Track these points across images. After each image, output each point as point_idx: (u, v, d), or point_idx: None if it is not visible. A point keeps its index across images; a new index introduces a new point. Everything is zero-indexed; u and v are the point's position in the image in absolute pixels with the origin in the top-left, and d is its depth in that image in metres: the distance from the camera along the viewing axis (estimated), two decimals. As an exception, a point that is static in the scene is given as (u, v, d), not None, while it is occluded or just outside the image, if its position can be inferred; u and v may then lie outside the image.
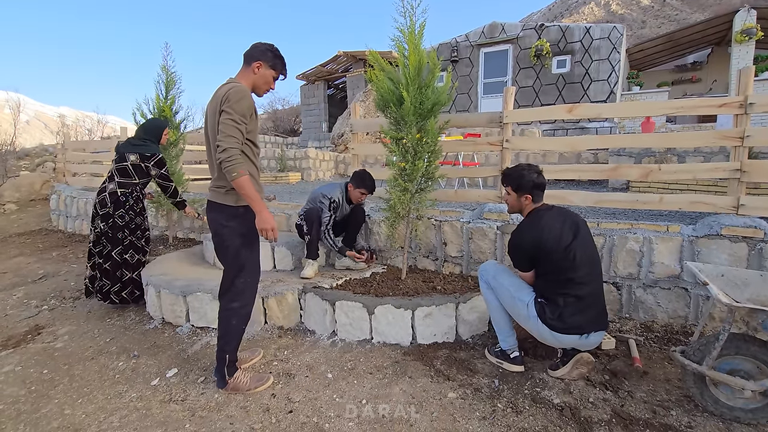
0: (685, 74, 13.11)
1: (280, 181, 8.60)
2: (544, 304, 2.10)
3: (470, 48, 10.72)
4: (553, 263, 2.07)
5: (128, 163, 3.22)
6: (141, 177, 3.29)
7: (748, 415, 1.82)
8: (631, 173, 3.14)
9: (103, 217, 3.20)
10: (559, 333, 2.06)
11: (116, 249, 3.21)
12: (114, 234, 3.19)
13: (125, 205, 3.21)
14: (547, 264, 2.10)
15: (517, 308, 2.18)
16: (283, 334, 2.82)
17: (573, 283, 2.05)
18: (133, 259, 3.29)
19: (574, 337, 2.07)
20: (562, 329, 2.05)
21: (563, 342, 2.11)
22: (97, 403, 2.10)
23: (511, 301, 2.21)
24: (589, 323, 2.07)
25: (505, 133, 3.39)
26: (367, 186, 3.25)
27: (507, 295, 2.23)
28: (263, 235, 1.95)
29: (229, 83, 1.98)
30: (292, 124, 20.22)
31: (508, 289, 2.23)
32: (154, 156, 3.27)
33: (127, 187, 3.24)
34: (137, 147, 3.27)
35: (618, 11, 20.78)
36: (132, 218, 3.25)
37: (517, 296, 2.19)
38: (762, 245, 2.53)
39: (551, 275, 2.10)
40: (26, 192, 8.67)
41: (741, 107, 2.71)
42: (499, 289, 2.27)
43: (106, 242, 3.22)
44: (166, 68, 4.32)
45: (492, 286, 2.30)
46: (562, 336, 2.07)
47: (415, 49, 2.78)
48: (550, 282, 2.12)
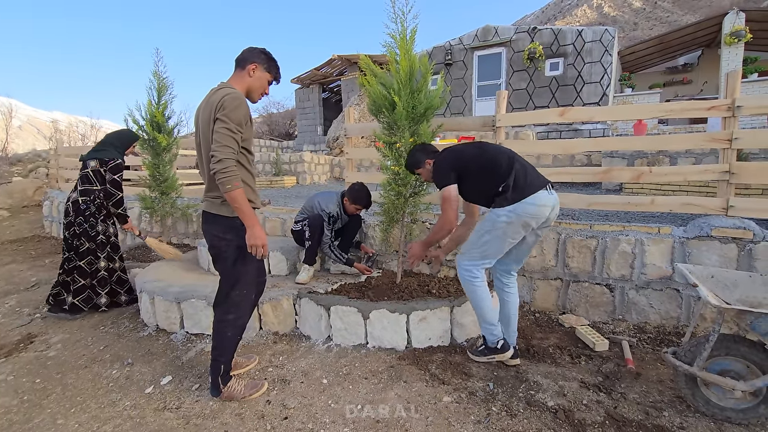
0: (676, 76, 13.26)
1: (275, 185, 8.59)
2: (498, 198, 2.13)
3: (464, 51, 10.78)
4: (478, 169, 2.22)
5: (89, 170, 3.20)
6: (102, 183, 3.23)
7: (739, 415, 1.84)
8: (624, 175, 3.18)
9: (66, 226, 3.20)
10: (527, 198, 2.07)
11: (69, 255, 3.20)
12: (73, 241, 3.18)
13: (86, 213, 3.18)
14: (475, 174, 2.22)
15: (485, 230, 2.17)
16: (278, 340, 2.81)
17: (503, 171, 2.15)
18: (91, 266, 3.23)
19: (542, 192, 2.10)
20: (527, 192, 2.08)
21: (536, 211, 2.09)
22: (91, 412, 2.08)
23: (478, 235, 2.21)
24: (539, 178, 2.17)
25: (498, 136, 3.42)
26: (363, 203, 3.26)
27: (474, 239, 2.23)
28: (253, 251, 1.89)
29: (223, 88, 1.91)
30: (287, 127, 20.21)
31: (472, 238, 2.25)
32: (111, 160, 3.21)
33: (88, 194, 3.20)
34: (98, 152, 3.24)
35: (610, 13, 21.00)
36: (93, 225, 3.21)
37: (479, 228, 2.22)
38: (751, 246, 2.56)
39: (485, 180, 2.19)
40: (19, 198, 8.59)
41: (729, 110, 2.75)
42: (470, 252, 2.25)
43: (65, 250, 3.21)
44: (158, 74, 4.31)
45: (464, 264, 2.26)
46: (531, 200, 2.07)
47: (407, 54, 2.80)
48: (487, 185, 2.18)
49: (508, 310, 2.40)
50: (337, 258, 3.23)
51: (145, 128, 4.33)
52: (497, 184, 2.14)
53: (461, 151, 2.33)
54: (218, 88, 1.95)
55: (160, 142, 4.34)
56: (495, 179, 2.15)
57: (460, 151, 2.34)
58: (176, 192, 4.66)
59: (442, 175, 2.26)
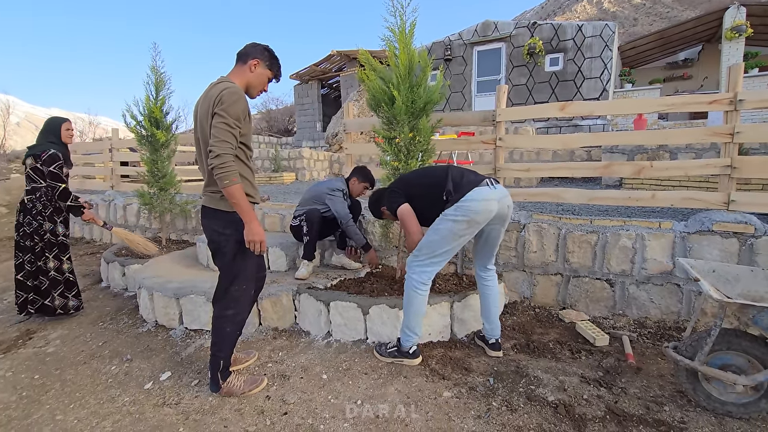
0: (676, 71, 13.22)
1: (274, 182, 8.56)
2: (447, 205, 2.15)
3: (463, 46, 10.73)
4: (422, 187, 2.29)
5: (28, 169, 3.08)
6: (44, 179, 3.07)
7: (740, 410, 1.83)
8: (624, 170, 3.16)
9: (16, 227, 3.12)
10: (468, 194, 2.10)
11: (27, 257, 3.10)
12: (24, 242, 3.09)
13: (32, 212, 3.08)
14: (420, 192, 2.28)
15: (433, 229, 2.19)
16: (277, 336, 2.81)
17: (441, 180, 2.22)
18: (47, 265, 3.13)
19: (483, 187, 2.14)
20: (466, 189, 2.12)
21: (480, 207, 2.10)
22: (90, 408, 2.07)
23: (427, 236, 2.22)
24: (477, 176, 2.23)
25: (498, 131, 3.40)
26: (370, 180, 3.36)
27: (423, 240, 2.23)
28: (251, 247, 1.88)
29: (222, 83, 1.89)
30: (286, 124, 20.16)
31: (422, 239, 2.25)
32: (44, 153, 3.04)
33: (33, 193, 3.09)
34: (32, 149, 3.12)
35: (610, 9, 20.92)
36: (41, 224, 3.09)
37: (429, 230, 2.23)
38: (752, 240, 2.55)
39: (431, 194, 2.23)
40: (17, 195, 8.55)
41: (731, 104, 2.73)
42: (420, 251, 2.24)
43: (17, 251, 3.10)
44: (156, 69, 4.27)
45: (414, 267, 2.26)
46: (472, 195, 2.10)
47: (406, 48, 2.77)
48: (434, 197, 2.21)
49: (488, 303, 2.45)
50: (358, 236, 3.21)
51: (143, 124, 4.30)
52: (441, 192, 2.19)
53: (404, 176, 2.49)
54: (217, 82, 1.93)
55: (159, 137, 4.31)
56: (438, 190, 2.20)
57: (402, 177, 2.49)
58: (175, 188, 4.63)
59: (393, 201, 2.32)
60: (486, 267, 2.46)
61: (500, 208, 2.18)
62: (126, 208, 5.77)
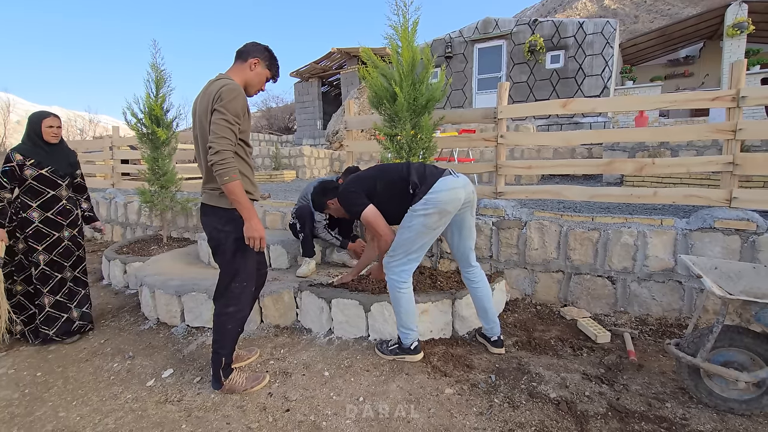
0: (677, 68, 13.17)
1: (275, 179, 8.55)
2: (414, 199, 2.16)
3: (464, 44, 10.70)
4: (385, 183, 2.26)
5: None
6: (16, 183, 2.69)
7: (742, 406, 1.84)
8: (626, 167, 3.16)
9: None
10: (435, 185, 2.12)
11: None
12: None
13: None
14: (383, 189, 2.25)
15: (405, 227, 2.19)
16: (279, 333, 2.81)
17: (404, 174, 2.22)
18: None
19: (447, 177, 2.17)
20: (431, 180, 2.14)
21: (448, 196, 2.11)
22: (92, 405, 2.08)
23: (400, 234, 2.22)
24: (439, 168, 2.27)
25: (499, 128, 3.39)
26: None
27: (397, 239, 2.22)
28: (251, 244, 1.88)
29: (220, 79, 1.90)
30: (286, 121, 20.13)
31: (395, 238, 2.24)
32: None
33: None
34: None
35: (611, 6, 20.84)
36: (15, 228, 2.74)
37: (400, 227, 2.22)
38: (754, 237, 2.55)
39: (395, 190, 2.22)
40: (17, 193, 8.56)
41: (733, 101, 2.72)
42: (395, 251, 2.23)
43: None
44: (156, 66, 4.26)
45: (392, 267, 2.24)
46: (439, 186, 2.12)
47: (409, 45, 2.77)
48: (399, 192, 2.21)
49: (482, 303, 2.42)
50: (332, 240, 3.24)
51: (144, 121, 4.30)
52: (406, 186, 2.19)
53: (360, 175, 2.41)
54: (216, 79, 1.94)
55: (159, 135, 4.31)
56: (402, 183, 2.20)
57: (359, 176, 2.40)
58: (175, 186, 4.63)
59: (355, 202, 2.27)
60: (469, 263, 2.42)
61: (466, 194, 2.20)
62: (127, 206, 5.77)
